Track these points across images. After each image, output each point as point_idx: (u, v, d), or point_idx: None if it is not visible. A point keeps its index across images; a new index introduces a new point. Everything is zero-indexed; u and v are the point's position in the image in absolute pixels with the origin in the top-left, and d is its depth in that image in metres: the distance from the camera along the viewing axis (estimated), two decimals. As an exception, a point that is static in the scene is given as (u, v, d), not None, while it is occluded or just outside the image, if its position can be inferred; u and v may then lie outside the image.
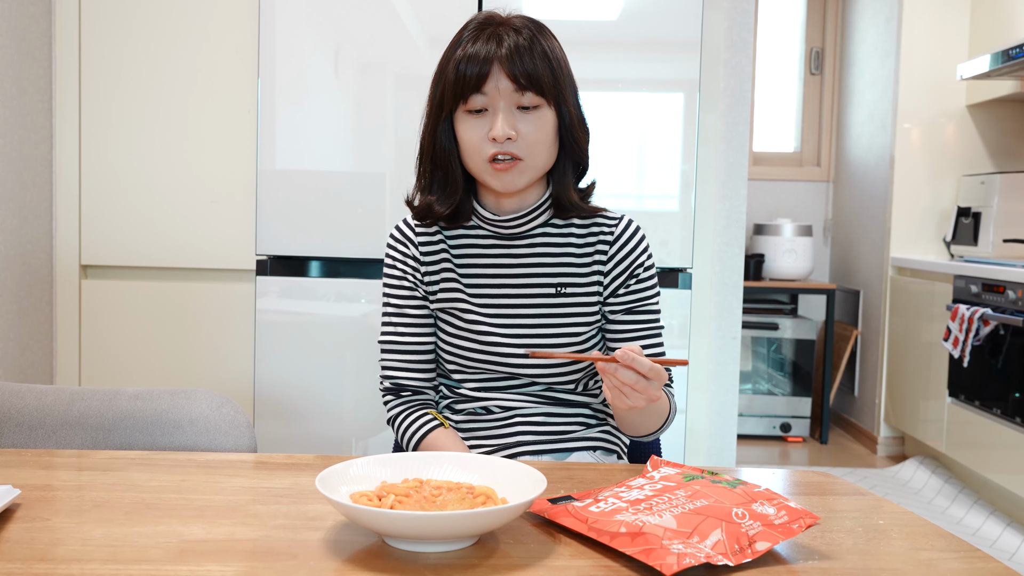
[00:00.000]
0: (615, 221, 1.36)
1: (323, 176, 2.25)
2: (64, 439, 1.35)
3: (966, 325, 3.22)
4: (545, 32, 1.29)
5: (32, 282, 2.40)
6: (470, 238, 1.36)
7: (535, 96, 1.24)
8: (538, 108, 1.25)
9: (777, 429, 4.30)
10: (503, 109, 1.24)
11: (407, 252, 1.37)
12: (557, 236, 1.35)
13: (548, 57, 1.25)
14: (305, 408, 2.26)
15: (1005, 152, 3.99)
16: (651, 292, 1.37)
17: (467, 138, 1.26)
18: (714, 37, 2.45)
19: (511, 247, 1.35)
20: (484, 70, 1.23)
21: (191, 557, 0.84)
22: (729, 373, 2.53)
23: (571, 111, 1.29)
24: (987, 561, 0.88)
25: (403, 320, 1.37)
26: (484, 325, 1.33)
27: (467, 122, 1.26)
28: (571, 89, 1.30)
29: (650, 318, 1.36)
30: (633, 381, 1.08)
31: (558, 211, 1.34)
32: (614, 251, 1.34)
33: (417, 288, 1.37)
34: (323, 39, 2.23)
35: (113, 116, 2.43)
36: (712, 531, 0.85)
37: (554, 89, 1.26)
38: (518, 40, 1.24)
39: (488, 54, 1.23)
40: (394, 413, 1.38)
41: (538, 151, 1.26)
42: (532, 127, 1.25)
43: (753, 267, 4.28)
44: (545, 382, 1.34)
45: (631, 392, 1.09)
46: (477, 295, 1.34)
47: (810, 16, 4.80)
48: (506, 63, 1.23)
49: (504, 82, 1.23)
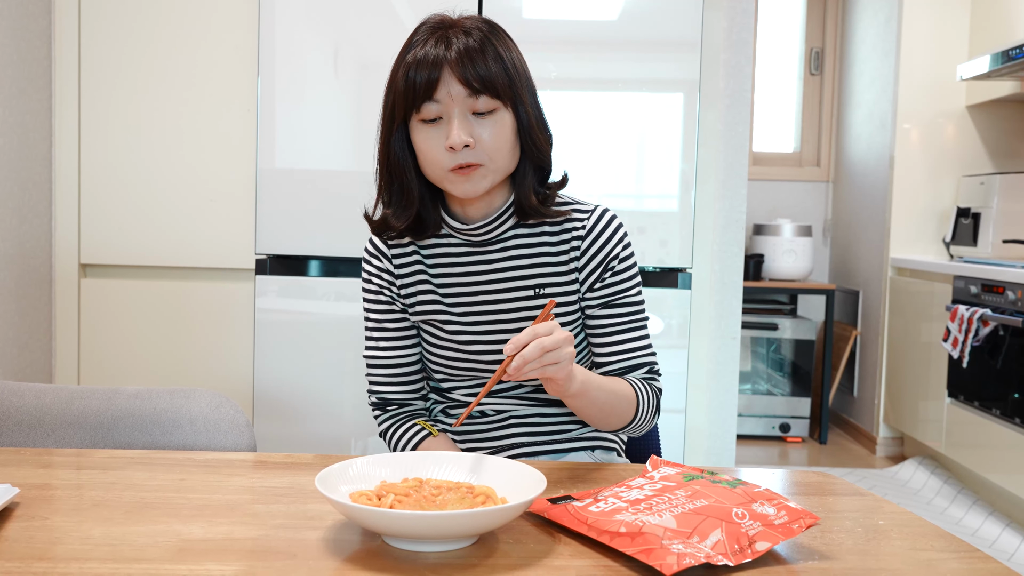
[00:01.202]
0: (587, 214, 1.31)
1: (323, 175, 2.24)
2: (63, 438, 1.35)
3: (965, 325, 3.22)
4: (498, 32, 1.23)
5: (31, 281, 2.39)
6: (443, 247, 1.32)
7: (490, 99, 1.18)
8: (494, 112, 1.19)
9: (776, 429, 4.30)
10: (458, 116, 1.18)
11: (381, 266, 1.34)
12: (530, 237, 1.31)
13: (501, 58, 1.19)
14: (304, 407, 2.26)
15: (1005, 152, 3.99)
16: (629, 284, 1.32)
17: (424, 148, 1.21)
18: (714, 37, 2.45)
19: (485, 253, 1.31)
20: (434, 76, 1.17)
21: (190, 556, 0.84)
22: (728, 373, 2.53)
23: (529, 112, 1.22)
24: (986, 561, 0.88)
25: (384, 335, 1.35)
26: (466, 334, 1.31)
27: (423, 132, 1.20)
28: (528, 90, 1.24)
29: (630, 311, 1.32)
30: (537, 349, 1.04)
31: (521, 216, 1.29)
32: (586, 245, 1.30)
33: (395, 302, 1.34)
34: (323, 38, 2.23)
35: (112, 115, 2.43)
36: (712, 531, 0.85)
37: (510, 91, 1.20)
38: (468, 42, 1.18)
39: (437, 58, 1.17)
40: (384, 428, 1.38)
41: (497, 156, 1.21)
42: (489, 132, 1.19)
43: (753, 267, 4.28)
44: (532, 383, 1.33)
45: (552, 356, 1.06)
46: (456, 304, 1.32)
47: (810, 16, 4.80)
48: (456, 67, 1.16)
49: (456, 87, 1.17)
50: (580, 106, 2.28)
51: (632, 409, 1.27)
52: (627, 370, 1.31)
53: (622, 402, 1.25)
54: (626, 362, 1.31)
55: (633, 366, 1.32)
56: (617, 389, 1.25)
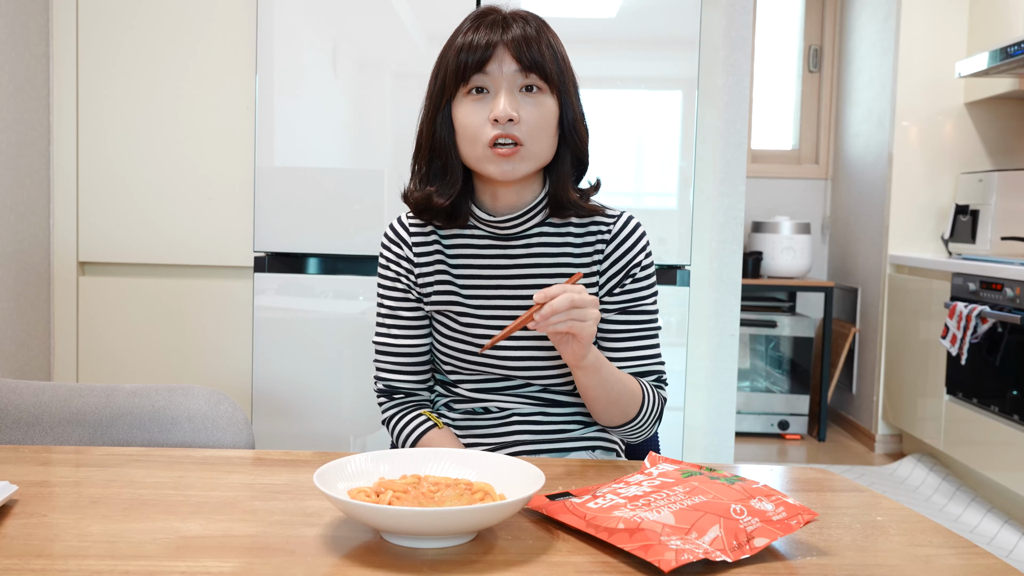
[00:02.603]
0: (613, 219, 1.33)
1: (321, 173, 2.24)
2: (62, 435, 1.35)
3: (964, 323, 3.22)
4: (549, 28, 1.28)
5: (29, 279, 2.39)
6: (465, 238, 1.33)
7: (539, 79, 1.22)
8: (541, 92, 1.23)
9: (775, 426, 4.30)
10: (505, 91, 1.21)
11: (400, 253, 1.34)
12: (554, 236, 1.32)
13: (554, 49, 1.24)
14: (303, 405, 2.26)
15: (1003, 150, 3.99)
16: (647, 292, 1.33)
17: (466, 122, 1.22)
18: (713, 34, 2.45)
19: (507, 247, 1.32)
20: (487, 53, 1.20)
21: (188, 553, 0.84)
22: (727, 370, 2.53)
23: (573, 104, 1.27)
24: (985, 557, 0.88)
25: (396, 323, 1.35)
26: (480, 327, 1.31)
27: (466, 106, 1.23)
28: (574, 85, 1.28)
29: (645, 319, 1.33)
30: (566, 302, 1.08)
31: (555, 210, 1.30)
32: (611, 249, 1.32)
33: (411, 290, 1.34)
34: (321, 36, 2.23)
35: (111, 112, 2.42)
36: (710, 527, 0.85)
37: (558, 79, 1.23)
38: (526, 29, 1.22)
39: (493, 40, 1.21)
40: (388, 415, 1.38)
41: (539, 137, 1.23)
42: (534, 111, 1.22)
43: (751, 265, 4.28)
44: (540, 383, 1.33)
45: (579, 314, 1.10)
46: (473, 297, 1.32)
47: (809, 14, 4.80)
48: (511, 47, 1.20)
49: (509, 63, 1.21)
50: (579, 103, 2.28)
51: (637, 405, 1.27)
52: (636, 376, 1.32)
53: (629, 393, 1.26)
54: (636, 369, 1.32)
55: (642, 373, 1.33)
56: (626, 381, 1.26)
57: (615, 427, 1.31)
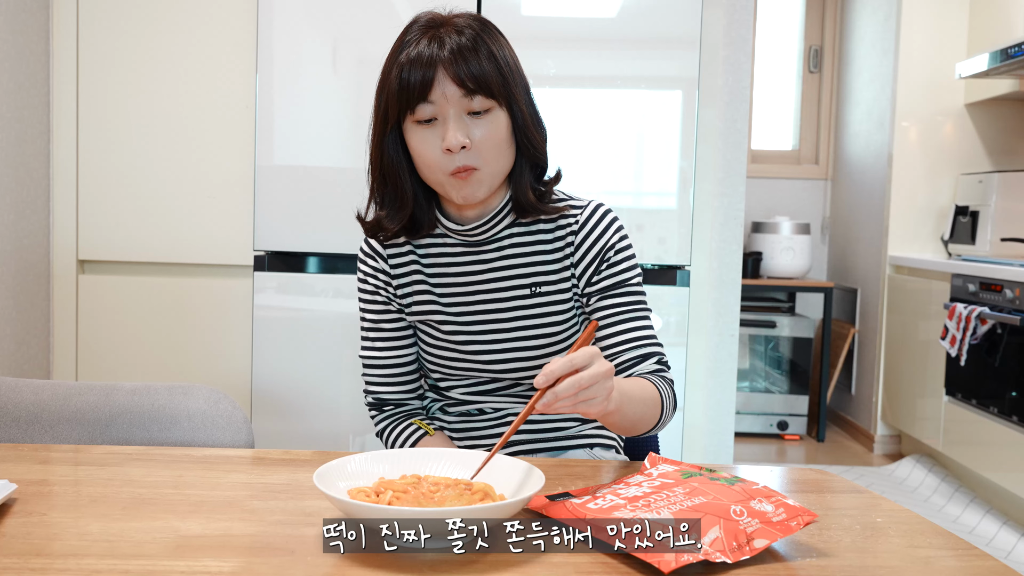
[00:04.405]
0: (580, 209, 1.30)
1: (321, 172, 2.24)
2: (61, 434, 1.35)
3: (963, 324, 3.22)
4: (490, 30, 1.22)
5: (29, 277, 2.39)
6: (439, 247, 1.32)
7: (485, 99, 1.18)
8: (489, 111, 1.19)
9: (774, 427, 4.30)
10: (453, 117, 1.17)
11: (377, 266, 1.34)
12: (526, 235, 1.31)
13: (495, 57, 1.19)
14: (302, 404, 2.26)
15: (1003, 151, 3.99)
16: (629, 275, 1.30)
17: (421, 151, 1.20)
18: (713, 34, 2.45)
19: (480, 252, 1.31)
20: (428, 76, 1.16)
21: (188, 552, 0.84)
22: (727, 371, 2.53)
23: (523, 110, 1.22)
24: (984, 559, 0.88)
25: (380, 335, 1.35)
26: (462, 334, 1.31)
27: (418, 133, 1.20)
28: (522, 87, 1.24)
29: (631, 299, 1.30)
30: (572, 386, 0.95)
31: (520, 213, 1.28)
32: (580, 239, 1.29)
33: (391, 302, 1.34)
34: (321, 35, 2.23)
35: (111, 111, 2.42)
36: (710, 528, 0.85)
37: (504, 90, 1.19)
38: (460, 41, 1.17)
39: (431, 57, 1.16)
40: (380, 428, 1.38)
41: (493, 156, 1.20)
42: (484, 132, 1.19)
43: (751, 265, 4.28)
44: (529, 383, 1.32)
45: (587, 394, 0.97)
46: (452, 304, 1.31)
47: (809, 14, 4.80)
48: (450, 66, 1.16)
49: (451, 87, 1.16)
50: (579, 103, 2.28)
51: (657, 412, 1.23)
52: (635, 360, 1.27)
53: (650, 409, 1.21)
54: (633, 351, 1.27)
55: (640, 356, 1.27)
56: (646, 397, 1.20)
57: (641, 433, 1.26)
